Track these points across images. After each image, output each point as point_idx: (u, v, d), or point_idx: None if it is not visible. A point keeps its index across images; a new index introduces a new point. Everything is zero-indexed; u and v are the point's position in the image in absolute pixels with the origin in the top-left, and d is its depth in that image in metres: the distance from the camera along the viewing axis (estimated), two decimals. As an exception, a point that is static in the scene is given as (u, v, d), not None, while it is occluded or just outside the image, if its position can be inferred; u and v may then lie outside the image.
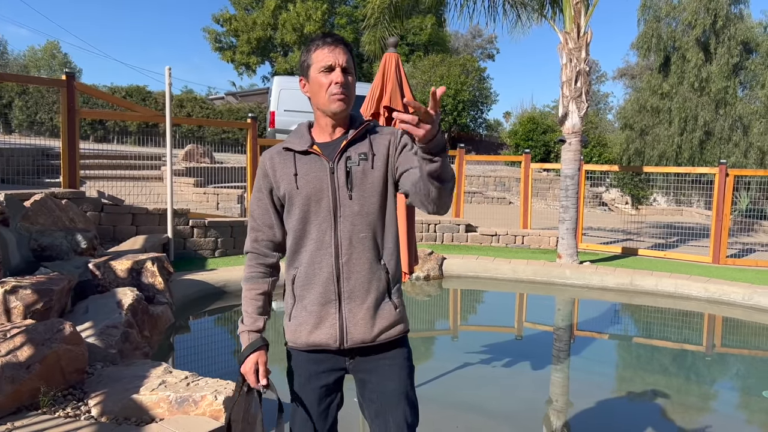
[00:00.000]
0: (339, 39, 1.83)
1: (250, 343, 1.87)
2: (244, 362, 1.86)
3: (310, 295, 1.82)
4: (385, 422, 1.85)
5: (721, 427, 3.90)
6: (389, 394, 1.85)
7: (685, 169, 11.11)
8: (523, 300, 7.59)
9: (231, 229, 8.23)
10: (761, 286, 7.10)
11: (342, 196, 1.79)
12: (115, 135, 19.73)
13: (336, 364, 1.87)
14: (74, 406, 3.12)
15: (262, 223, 1.90)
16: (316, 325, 1.82)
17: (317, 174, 1.80)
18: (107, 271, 5.10)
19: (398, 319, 1.86)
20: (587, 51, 8.27)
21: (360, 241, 1.80)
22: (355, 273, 1.80)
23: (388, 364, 1.86)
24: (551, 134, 25.18)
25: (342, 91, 1.78)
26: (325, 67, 1.78)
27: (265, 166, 1.88)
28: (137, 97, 21.02)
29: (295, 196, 1.81)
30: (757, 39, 19.33)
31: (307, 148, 1.83)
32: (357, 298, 1.80)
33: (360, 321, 1.80)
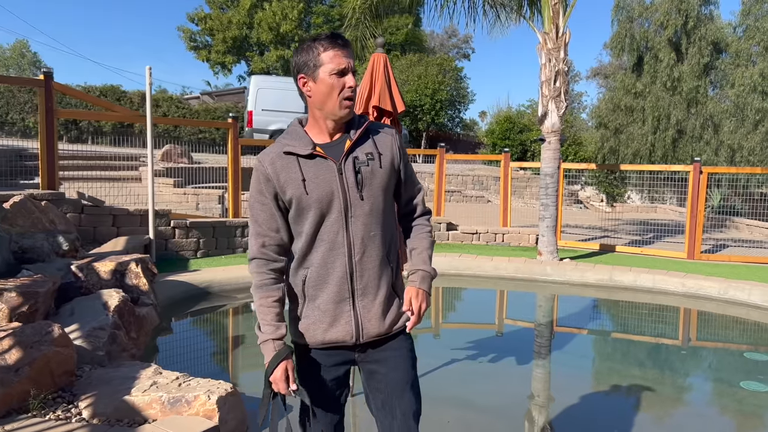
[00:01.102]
0: (347, 41, 1.83)
1: (277, 353, 1.82)
2: (273, 372, 1.82)
3: (324, 294, 1.84)
4: (391, 411, 1.90)
5: (700, 416, 4.02)
6: (395, 383, 1.90)
7: (661, 167, 11.34)
8: (505, 297, 7.68)
9: (213, 230, 8.18)
10: (735, 281, 7.29)
11: (353, 196, 1.81)
12: (89, 135, 19.41)
13: (346, 357, 1.92)
14: (65, 409, 3.09)
15: (268, 228, 1.88)
16: (332, 323, 1.85)
17: (326, 177, 1.81)
18: (90, 273, 5.04)
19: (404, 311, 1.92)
20: (566, 51, 8.40)
21: (371, 239, 1.84)
22: (368, 270, 1.84)
23: (394, 354, 1.92)
24: (528, 133, 25.45)
25: (353, 95, 1.81)
26: (339, 70, 1.78)
27: (266, 171, 1.85)
28: (112, 96, 20.71)
29: (306, 201, 1.81)
30: (727, 39, 19.80)
31: (311, 151, 1.83)
32: (370, 294, 1.85)
33: (373, 316, 1.86)
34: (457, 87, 29.26)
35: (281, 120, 18.47)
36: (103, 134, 19.33)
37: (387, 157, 1.88)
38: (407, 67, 27.46)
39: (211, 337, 5.62)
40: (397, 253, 1.97)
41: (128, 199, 8.59)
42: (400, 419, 1.90)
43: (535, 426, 3.74)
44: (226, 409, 3.11)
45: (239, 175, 8.91)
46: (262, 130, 18.21)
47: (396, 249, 1.96)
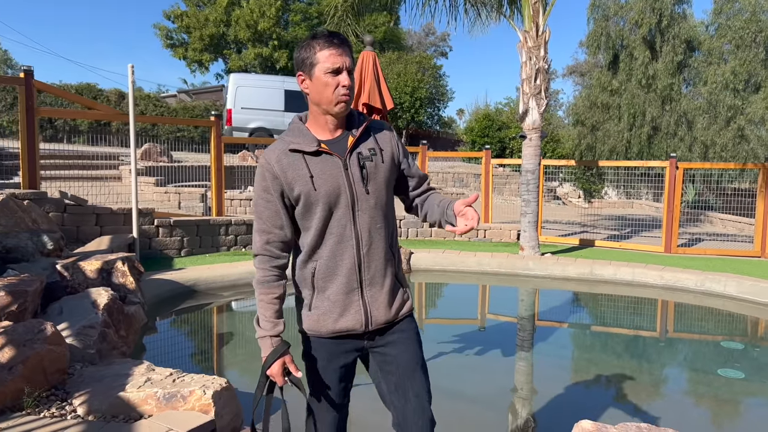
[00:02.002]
0: (344, 39, 1.87)
1: (274, 349, 1.90)
2: (270, 367, 1.90)
3: (333, 285, 1.91)
4: (405, 394, 1.97)
5: (680, 404, 4.15)
6: (406, 364, 1.98)
7: (637, 163, 11.55)
8: (488, 291, 7.79)
9: (197, 228, 8.16)
10: (711, 273, 7.49)
11: (359, 190, 1.88)
12: (65, 134, 19.12)
13: (355, 345, 1.98)
14: (59, 406, 3.10)
15: (272, 225, 1.92)
16: (342, 313, 1.91)
17: (332, 172, 1.86)
18: (76, 272, 5.02)
19: (407, 298, 2.04)
20: (546, 49, 8.52)
21: (377, 231, 1.91)
22: (374, 261, 1.91)
23: (402, 336, 2.00)
24: (506, 131, 25.68)
25: (348, 93, 1.85)
26: (333, 69, 1.83)
27: (273, 168, 1.88)
28: (88, 95, 20.42)
29: (314, 197, 1.86)
30: (700, 38, 20.17)
31: (317, 148, 1.87)
32: (377, 283, 1.93)
33: (381, 304, 1.93)
34: (436, 85, 29.39)
35: (260, 118, 18.40)
36: (79, 133, 19.07)
37: (388, 153, 1.96)
38: (386, 65, 27.50)
39: (199, 334, 5.62)
40: (398, 244, 2.06)
41: (110, 198, 8.53)
42: (413, 401, 1.97)
43: (519, 416, 3.83)
44: (221, 403, 3.14)
45: (222, 173, 8.89)
46: (242, 128, 18.13)
47: (397, 241, 2.05)
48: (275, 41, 30.04)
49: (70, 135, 19.22)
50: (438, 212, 2.02)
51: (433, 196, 2.12)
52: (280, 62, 29.95)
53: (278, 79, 19.86)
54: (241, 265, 7.22)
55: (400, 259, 2.05)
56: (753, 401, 4.27)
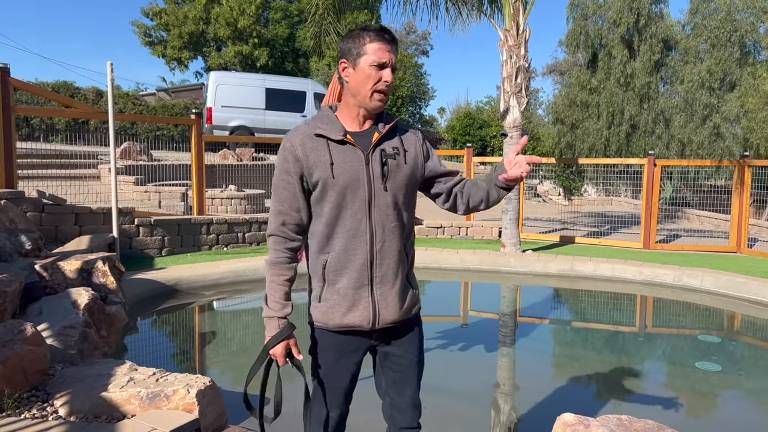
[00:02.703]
0: (394, 37, 1.88)
1: (279, 331, 1.92)
2: (273, 347, 1.92)
3: (344, 279, 1.91)
4: (402, 390, 2.05)
5: (659, 397, 4.22)
6: (408, 364, 2.04)
7: (616, 160, 11.70)
8: (470, 288, 7.84)
9: (178, 228, 8.09)
10: (689, 268, 7.62)
11: (377, 187, 1.88)
12: (42, 133, 18.83)
13: (363, 343, 2.00)
14: (39, 407, 3.07)
15: (289, 207, 1.92)
16: (350, 307, 1.91)
17: (353, 164, 1.86)
18: (55, 272, 4.96)
19: (416, 300, 2.05)
20: (526, 48, 8.59)
21: (391, 230, 1.91)
22: (387, 259, 1.91)
23: (409, 338, 2.05)
24: (487, 129, 25.84)
25: (387, 90, 1.86)
26: (379, 63, 1.83)
27: (295, 151, 1.88)
28: (65, 93, 20.13)
29: (330, 185, 1.86)
30: (676, 37, 20.49)
31: (342, 137, 1.87)
32: (388, 282, 1.93)
33: (390, 303, 1.94)
34: (417, 83, 29.46)
35: (241, 116, 18.29)
36: (56, 132, 18.79)
37: (411, 155, 1.96)
38: (367, 64, 27.46)
39: (182, 334, 5.59)
40: (413, 247, 2.06)
41: (89, 198, 8.43)
42: (409, 397, 2.05)
43: (502, 411, 3.87)
44: (205, 402, 3.13)
45: (203, 171, 8.83)
46: (222, 127, 18.00)
47: (412, 243, 2.05)
48: (255, 39, 29.88)
49: (47, 134, 18.94)
50: (484, 185, 2.02)
51: (469, 181, 2.11)
52: (260, 60, 29.80)
53: (259, 77, 19.75)
54: (222, 264, 7.19)
55: (412, 262, 2.05)
56: (729, 393, 4.36)
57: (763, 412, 4.06)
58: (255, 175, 12.84)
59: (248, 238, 8.88)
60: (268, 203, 11.44)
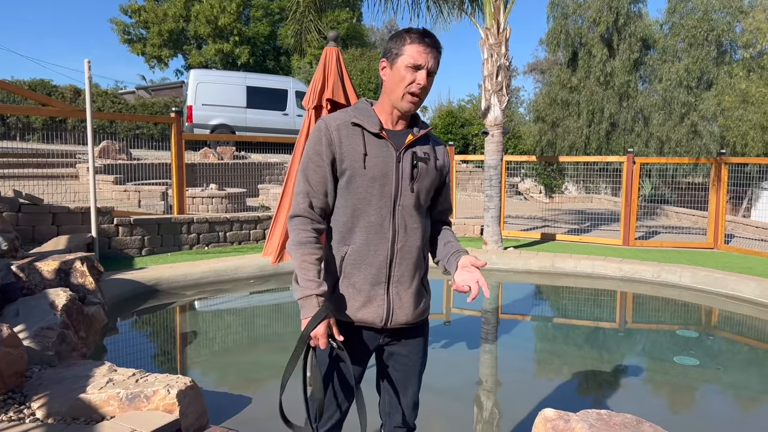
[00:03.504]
0: (436, 42, 1.87)
1: (320, 309, 1.79)
2: (314, 328, 1.79)
3: (361, 274, 1.89)
4: (404, 390, 2.07)
5: (638, 391, 4.27)
6: (412, 366, 2.05)
7: (596, 158, 11.82)
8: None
9: (158, 227, 8.01)
10: (667, 264, 7.73)
11: (404, 186, 1.87)
12: (18, 132, 18.52)
13: (373, 342, 2.00)
14: (16, 410, 3.02)
15: (319, 190, 1.90)
16: (365, 303, 1.90)
17: (385, 159, 1.86)
18: (32, 272, 4.88)
19: (428, 304, 2.05)
20: (507, 46, 8.64)
21: (413, 231, 1.91)
22: (406, 259, 1.91)
23: (416, 340, 2.05)
24: (469, 127, 25.91)
25: (420, 93, 1.85)
26: (415, 65, 1.83)
27: (331, 135, 1.86)
28: (42, 91, 19.81)
29: (359, 175, 1.85)
30: (655, 36, 20.73)
31: (378, 131, 1.87)
32: (405, 282, 1.92)
33: (405, 304, 1.93)
34: (399, 82, 29.40)
35: (222, 115, 18.15)
36: (33, 130, 18.49)
37: (440, 164, 1.98)
38: (350, 62, 27.42)
39: (162, 334, 5.54)
40: (428, 251, 2.07)
41: (66, 197, 8.31)
42: (409, 396, 2.07)
43: (485, 407, 3.89)
44: (186, 402, 3.10)
45: (183, 170, 8.75)
46: (203, 125, 17.85)
47: (428, 247, 2.06)
48: (236, 37, 29.65)
49: (24, 132, 18.63)
50: (442, 252, 2.05)
51: (445, 231, 2.12)
52: (241, 58, 29.59)
53: (240, 75, 19.61)
54: (203, 263, 7.13)
55: (428, 266, 2.05)
56: (707, 387, 4.43)
57: (739, 406, 4.13)
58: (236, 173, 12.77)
59: (229, 237, 8.82)
60: (249, 202, 11.38)
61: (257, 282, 7.11)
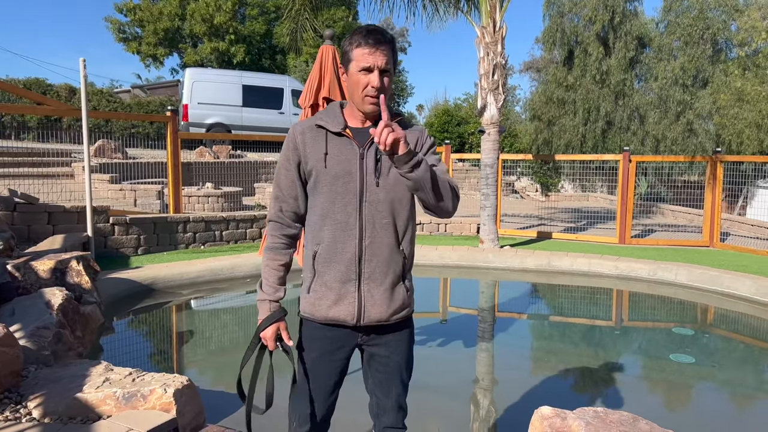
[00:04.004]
0: (381, 39, 1.83)
1: (271, 314, 1.95)
2: (264, 330, 1.95)
3: (332, 272, 1.90)
4: (388, 392, 2.04)
5: (635, 389, 4.29)
6: (395, 367, 2.03)
7: (593, 156, 11.84)
8: (449, 284, 7.88)
9: (154, 226, 7.99)
10: (663, 262, 7.75)
11: (369, 182, 1.87)
12: (13, 130, 18.45)
13: (350, 340, 1.99)
14: (12, 410, 3.01)
15: (288, 195, 1.95)
16: (336, 301, 1.91)
17: (347, 157, 1.87)
18: (28, 272, 4.87)
19: (409, 302, 2.02)
20: (503, 45, 8.64)
21: (383, 227, 1.89)
22: (377, 256, 1.89)
23: (396, 339, 2.02)
24: (465, 126, 25.94)
25: (377, 94, 1.83)
26: (364, 68, 1.81)
27: (296, 140, 1.91)
28: (37, 90, 19.73)
29: (322, 175, 1.87)
30: (650, 35, 20.78)
31: (341, 130, 1.88)
32: (376, 279, 1.91)
33: (377, 301, 1.92)
34: (396, 80, 29.46)
35: (218, 113, 18.11)
36: (28, 129, 18.42)
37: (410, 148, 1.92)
38: (345, 60, 27.39)
39: (158, 333, 5.53)
40: (413, 245, 2.02)
41: (62, 196, 8.29)
42: (394, 398, 2.04)
43: (481, 405, 3.90)
44: (183, 401, 3.10)
45: (179, 169, 8.73)
46: (199, 124, 17.81)
47: (411, 240, 2.00)
48: (232, 35, 29.58)
49: (19, 131, 18.56)
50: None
51: None
52: (237, 57, 29.52)
53: (236, 74, 19.58)
54: (199, 262, 7.12)
55: (410, 261, 2.01)
56: (703, 384, 4.45)
57: (735, 403, 4.15)
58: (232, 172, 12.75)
59: (225, 236, 8.81)
60: (245, 201, 11.37)
61: (253, 281, 7.10)
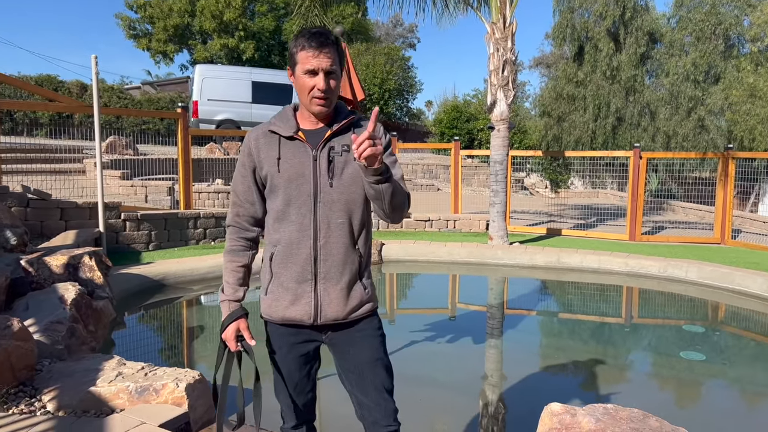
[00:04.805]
0: (324, 42, 1.84)
1: (230, 313, 1.99)
2: (225, 330, 1.98)
3: (288, 273, 1.93)
4: (365, 388, 2.00)
5: (645, 386, 4.28)
6: (365, 361, 2.00)
7: (603, 153, 11.78)
8: (458, 281, 7.88)
9: (165, 222, 8.04)
10: (674, 259, 7.71)
11: (323, 183, 1.89)
12: (24, 127, 18.60)
13: (312, 336, 2.00)
14: (27, 403, 3.06)
15: (244, 200, 2.00)
16: (293, 301, 1.93)
17: (300, 160, 1.89)
18: (41, 267, 4.92)
19: (368, 299, 2.01)
20: (513, 41, 8.61)
21: (337, 227, 1.91)
22: (332, 256, 1.91)
23: (361, 335, 2.01)
24: (474, 122, 25.88)
25: (323, 96, 1.86)
26: (308, 71, 1.83)
27: (250, 146, 1.95)
28: (49, 86, 19.88)
29: (277, 179, 1.90)
30: (662, 30, 20.63)
31: (293, 134, 1.90)
32: (332, 278, 1.92)
33: (333, 300, 1.93)
34: (404, 77, 29.41)
35: (228, 110, 18.17)
36: (40, 126, 18.57)
37: None
38: (355, 57, 27.38)
39: (170, 328, 5.57)
40: (370, 244, 2.05)
41: (74, 192, 8.35)
42: (373, 394, 2.00)
43: (490, 401, 3.91)
44: (194, 396, 3.13)
45: (189, 165, 8.78)
46: (209, 120, 17.88)
47: (367, 239, 2.02)
48: (241, 32, 29.61)
49: (31, 128, 18.71)
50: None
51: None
52: (246, 53, 29.56)
53: (245, 71, 19.62)
54: (210, 258, 7.16)
55: (367, 260, 2.02)
56: (713, 382, 4.43)
57: (744, 400, 4.13)
58: (242, 168, 12.72)
59: (236, 232, 8.83)
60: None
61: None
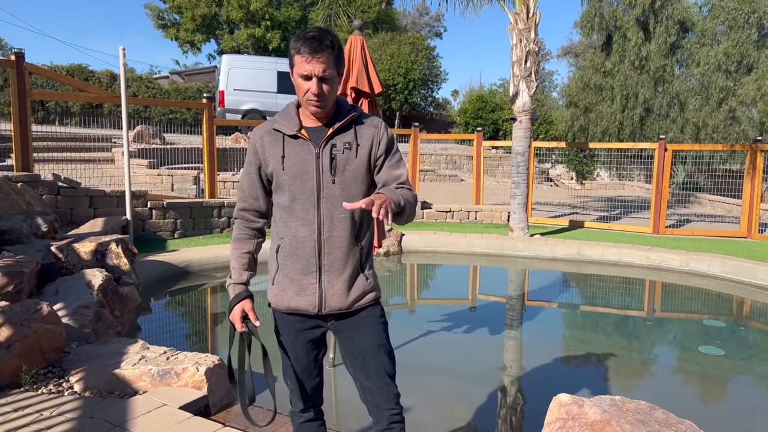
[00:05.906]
0: (317, 48, 1.86)
1: (236, 294, 2.08)
2: (232, 311, 2.08)
3: (294, 265, 2.02)
4: (368, 373, 2.09)
5: (665, 380, 4.28)
6: (368, 347, 2.08)
7: (627, 145, 11.65)
8: (479, 272, 7.90)
9: (190, 210, 8.22)
10: (696, 253, 7.62)
11: (325, 179, 1.96)
12: (56, 116, 19.03)
13: (318, 323, 2.10)
14: (56, 383, 3.20)
15: (249, 195, 2.11)
16: (298, 292, 2.03)
17: (303, 158, 1.97)
18: (71, 253, 5.09)
19: (370, 289, 2.09)
20: (536, 31, 8.55)
21: (340, 221, 1.99)
22: (335, 249, 2.00)
23: (364, 322, 2.09)
24: (500, 112, 25.68)
25: (316, 100, 1.91)
26: (302, 75, 1.89)
27: (255, 144, 2.03)
28: (80, 76, 20.29)
29: (282, 177, 1.98)
30: (693, 19, 20.16)
31: (296, 132, 1.97)
32: (335, 271, 2.01)
33: (337, 291, 2.02)
34: (429, 66, 29.27)
35: (254, 100, 18.34)
36: (71, 115, 18.99)
37: (364, 148, 2.00)
38: (380, 46, 27.36)
39: (193, 314, 5.72)
40: (371, 236, 2.12)
41: (103, 181, 8.57)
42: (376, 378, 2.08)
43: (507, 392, 3.95)
44: (214, 380, 3.24)
45: (215, 155, 8.93)
46: (235, 110, 18.07)
47: (369, 232, 2.10)
48: (268, 22, 29.77)
49: (62, 117, 19.15)
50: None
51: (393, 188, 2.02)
52: (272, 43, 29.72)
53: (271, 60, 19.76)
54: (234, 246, 7.29)
55: (368, 252, 2.10)
56: (731, 377, 4.41)
57: (761, 396, 4.11)
58: (266, 158, 12.86)
59: (259, 221, 8.97)
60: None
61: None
